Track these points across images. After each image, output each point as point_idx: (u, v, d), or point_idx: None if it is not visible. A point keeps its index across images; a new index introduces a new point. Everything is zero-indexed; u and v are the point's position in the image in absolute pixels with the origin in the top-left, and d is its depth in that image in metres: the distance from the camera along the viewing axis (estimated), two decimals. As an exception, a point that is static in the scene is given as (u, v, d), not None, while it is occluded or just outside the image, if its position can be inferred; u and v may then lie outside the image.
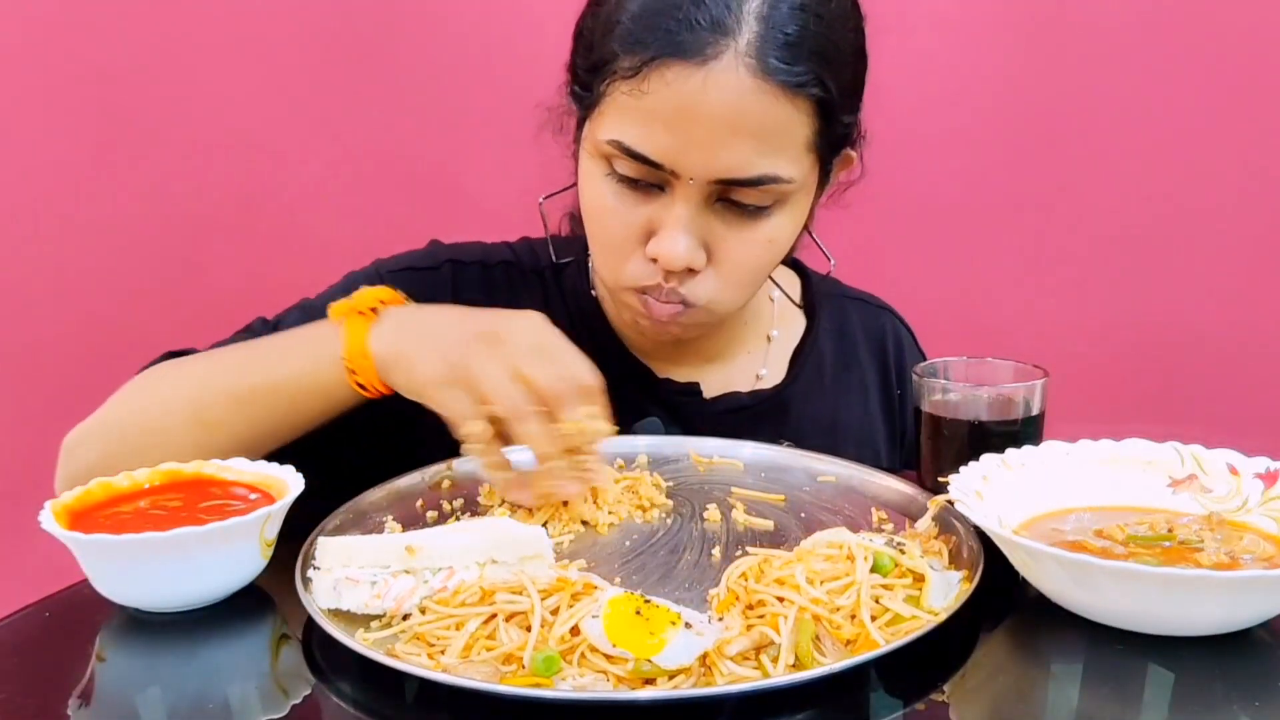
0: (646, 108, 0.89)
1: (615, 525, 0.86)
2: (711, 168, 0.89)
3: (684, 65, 0.87)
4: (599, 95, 0.93)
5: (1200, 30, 1.50)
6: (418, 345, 0.86)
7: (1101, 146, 1.55)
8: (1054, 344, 1.55)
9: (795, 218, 0.97)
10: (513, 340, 0.83)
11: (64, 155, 1.49)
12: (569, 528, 0.86)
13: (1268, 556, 0.72)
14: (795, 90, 0.88)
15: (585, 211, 0.99)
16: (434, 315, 0.91)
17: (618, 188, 0.94)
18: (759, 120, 0.88)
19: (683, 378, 1.11)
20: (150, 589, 0.73)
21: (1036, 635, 0.71)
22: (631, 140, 0.90)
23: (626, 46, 0.89)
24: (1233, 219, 1.55)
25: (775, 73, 0.87)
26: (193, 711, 0.63)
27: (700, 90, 0.87)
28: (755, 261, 0.97)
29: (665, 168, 0.90)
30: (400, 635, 0.69)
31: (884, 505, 0.88)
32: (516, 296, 1.11)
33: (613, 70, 0.90)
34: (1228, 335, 1.58)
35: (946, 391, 0.90)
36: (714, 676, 0.62)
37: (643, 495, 0.90)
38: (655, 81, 0.88)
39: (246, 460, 0.84)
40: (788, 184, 0.92)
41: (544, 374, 0.81)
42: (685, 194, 0.91)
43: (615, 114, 0.91)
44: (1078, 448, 0.84)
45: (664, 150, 0.89)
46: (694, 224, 0.92)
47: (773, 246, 0.97)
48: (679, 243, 0.92)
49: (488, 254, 1.14)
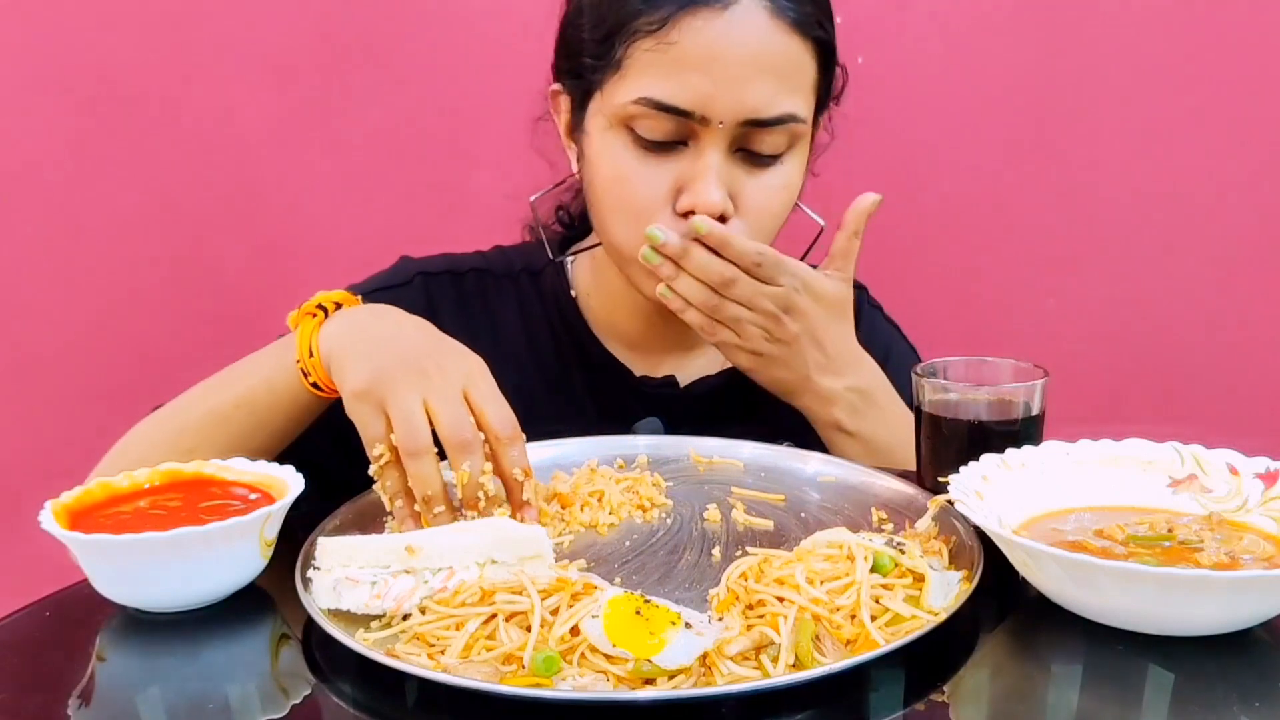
0: (674, 58, 0.93)
1: (615, 525, 0.86)
2: (741, 108, 0.94)
3: (709, 10, 0.93)
4: (617, 60, 0.96)
5: (1201, 30, 1.50)
6: (355, 349, 0.85)
7: (1102, 146, 1.54)
8: (1054, 344, 1.56)
9: (802, 166, 1.03)
10: (440, 376, 0.81)
11: (64, 155, 1.49)
12: (569, 528, 0.86)
13: (1268, 556, 0.72)
14: (804, 29, 0.95)
15: (601, 187, 1.01)
16: (382, 320, 0.90)
17: (641, 153, 0.97)
18: (779, 58, 0.95)
19: (659, 372, 1.14)
20: (150, 589, 0.73)
21: (1036, 635, 0.71)
22: (662, 93, 0.94)
23: (647, 3, 0.94)
24: (1233, 219, 1.55)
25: (787, 11, 0.94)
26: (193, 711, 0.63)
27: (725, 33, 0.92)
28: (776, 208, 1.01)
29: (696, 115, 0.94)
30: (400, 635, 0.69)
31: (884, 505, 0.87)
32: (490, 302, 1.13)
33: (633, 30, 0.94)
34: (1228, 335, 1.58)
35: (946, 391, 0.90)
36: (714, 676, 0.62)
37: (643, 495, 0.90)
38: (682, 30, 0.93)
39: (246, 460, 0.84)
40: (801, 123, 0.98)
41: (446, 415, 0.79)
42: (713, 141, 0.95)
43: (640, 72, 0.95)
44: (1078, 448, 0.84)
45: (696, 96, 0.93)
46: (722, 172, 0.96)
47: (787, 193, 1.01)
48: (713, 191, 0.95)
49: (455, 263, 1.15)
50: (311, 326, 0.89)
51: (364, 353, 0.84)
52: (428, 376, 0.81)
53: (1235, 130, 1.52)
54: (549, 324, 1.14)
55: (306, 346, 0.88)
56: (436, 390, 0.80)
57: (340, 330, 0.88)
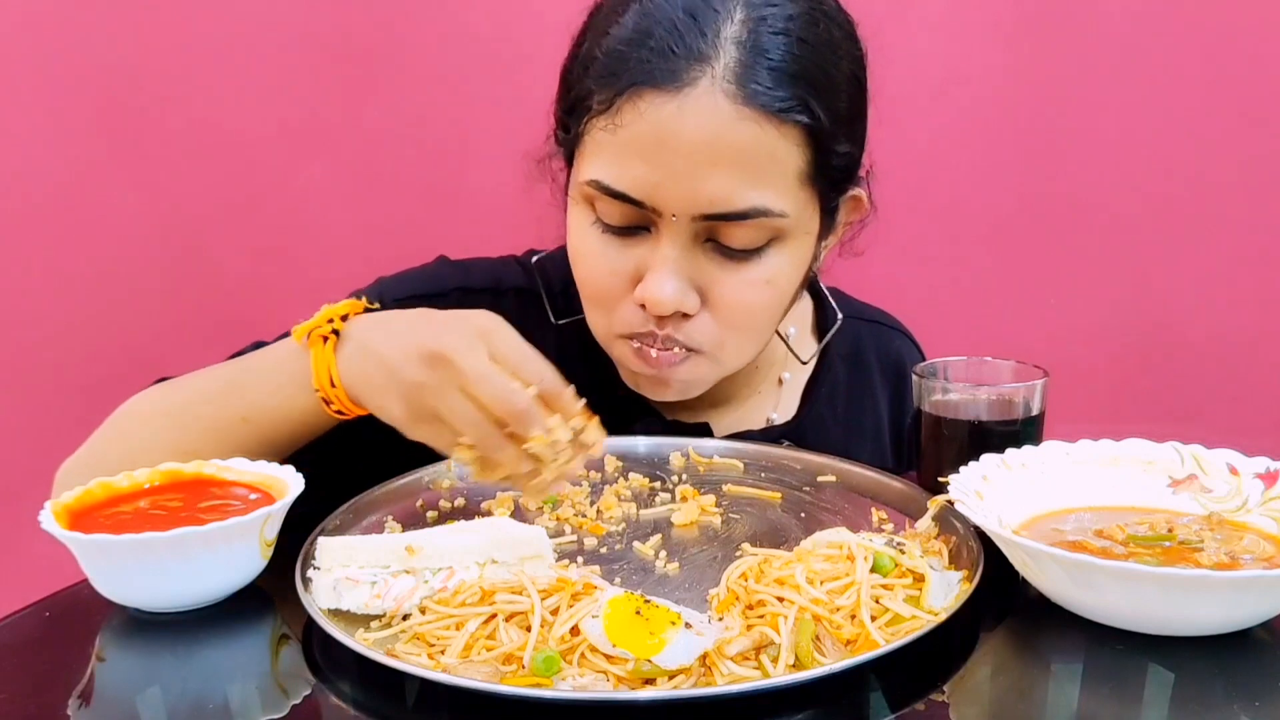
0: (621, 141, 0.86)
1: (616, 525, 0.86)
2: (694, 201, 0.85)
3: (657, 93, 0.84)
4: (577, 136, 0.90)
5: (1201, 30, 1.50)
6: (374, 380, 0.81)
7: (1102, 146, 1.54)
8: (1054, 344, 1.55)
9: (795, 259, 0.93)
10: (458, 360, 0.77)
11: (65, 155, 1.49)
12: (568, 523, 0.86)
13: (1268, 556, 0.72)
14: (780, 116, 0.84)
15: (573, 261, 0.96)
16: (388, 333, 0.84)
17: (602, 234, 0.91)
18: (741, 148, 0.84)
19: (692, 419, 1.07)
20: (150, 589, 0.73)
21: (1036, 635, 0.71)
22: (609, 178, 0.87)
23: (600, 81, 0.87)
24: (1233, 219, 1.55)
25: (756, 97, 0.83)
26: (193, 711, 0.63)
27: (676, 117, 0.83)
28: (754, 305, 0.92)
29: (646, 205, 0.87)
30: (400, 635, 0.69)
31: (884, 505, 0.88)
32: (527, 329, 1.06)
33: (588, 107, 0.88)
34: (1228, 335, 1.58)
35: (946, 391, 0.90)
36: (714, 676, 0.62)
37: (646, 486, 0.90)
38: (629, 113, 0.85)
39: (247, 460, 0.84)
40: (780, 218, 0.88)
41: (493, 395, 0.75)
42: (671, 233, 0.87)
43: (593, 153, 0.88)
44: (1078, 448, 0.84)
45: (641, 185, 0.86)
46: (682, 265, 0.88)
47: (772, 289, 0.92)
48: (665, 285, 0.88)
49: (500, 278, 1.08)
50: (326, 352, 0.84)
51: (382, 384, 0.80)
52: (449, 364, 0.77)
53: (1236, 130, 1.52)
54: (584, 361, 1.04)
55: (325, 375, 0.83)
56: (467, 378, 0.76)
57: (356, 357, 0.83)
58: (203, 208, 1.53)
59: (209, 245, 1.54)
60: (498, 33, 1.49)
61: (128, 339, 1.54)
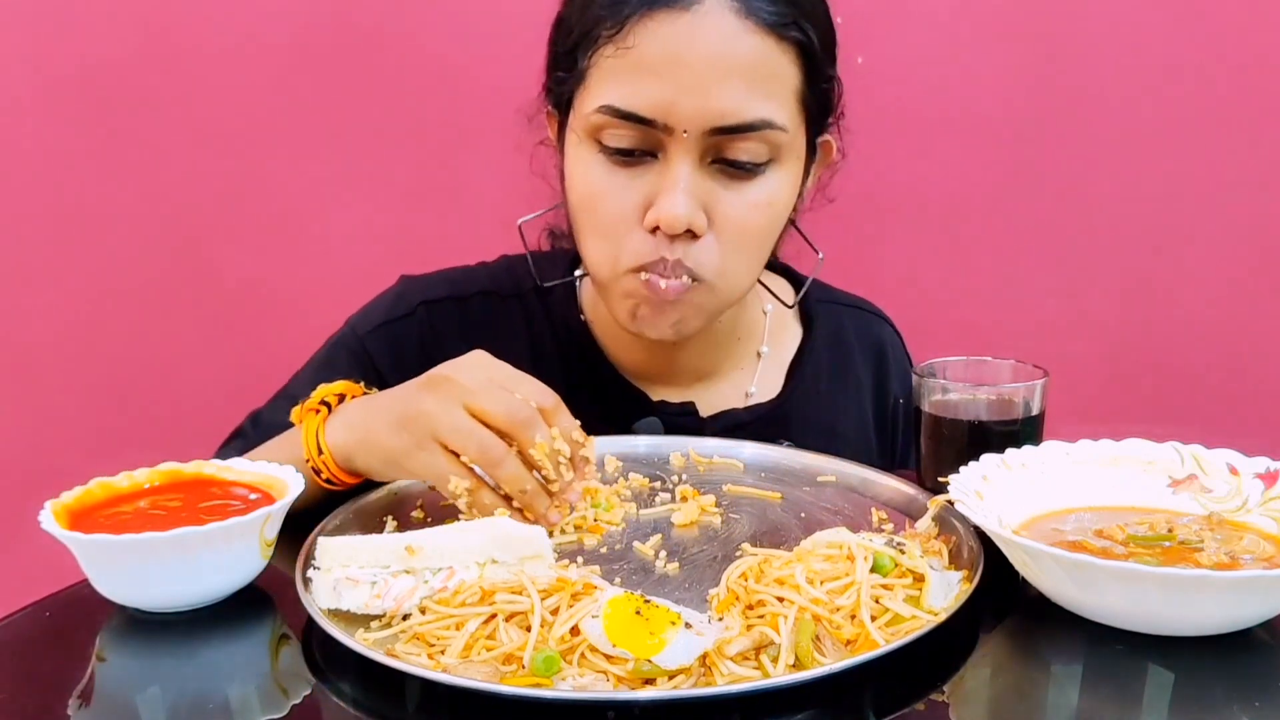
0: (633, 62, 0.89)
1: (615, 525, 0.86)
2: (705, 115, 0.89)
3: (668, 12, 0.88)
4: (583, 71, 0.93)
5: (1201, 30, 1.50)
6: (369, 426, 0.84)
7: (1101, 145, 1.54)
8: (1054, 344, 1.55)
9: (790, 181, 0.97)
10: (458, 376, 0.81)
11: (64, 155, 1.49)
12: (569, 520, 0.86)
13: (1268, 556, 0.72)
14: (779, 31, 0.90)
15: (576, 202, 0.97)
16: (382, 397, 0.88)
17: (610, 165, 0.93)
18: (749, 62, 0.89)
19: (676, 398, 1.10)
20: (150, 589, 0.73)
21: (1036, 635, 0.71)
22: (621, 99, 0.90)
23: (609, 8, 0.90)
24: (1233, 219, 1.55)
25: (758, 12, 0.89)
26: (193, 711, 0.63)
27: (687, 34, 0.88)
28: (756, 225, 0.96)
29: (658, 123, 0.90)
30: (400, 635, 0.69)
31: (884, 505, 0.88)
32: (496, 328, 1.08)
33: (596, 37, 0.91)
34: (1227, 335, 1.58)
35: (946, 391, 0.90)
36: (714, 676, 0.62)
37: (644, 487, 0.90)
38: (640, 34, 0.89)
39: (246, 460, 0.84)
40: (781, 131, 0.92)
41: (496, 404, 0.79)
42: (681, 152, 0.90)
43: (602, 80, 0.91)
44: (1078, 448, 0.84)
45: (656, 102, 0.89)
46: (692, 184, 0.91)
47: (771, 210, 0.96)
48: (679, 202, 0.90)
49: (461, 285, 1.11)
50: (316, 423, 0.87)
51: (380, 421, 0.83)
52: (449, 381, 0.80)
53: (1236, 130, 1.52)
54: (559, 349, 1.09)
55: (314, 443, 0.86)
56: (468, 391, 0.79)
57: (347, 420, 0.86)
58: (202, 207, 1.53)
59: (209, 245, 1.54)
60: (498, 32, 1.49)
61: (127, 339, 1.54)
